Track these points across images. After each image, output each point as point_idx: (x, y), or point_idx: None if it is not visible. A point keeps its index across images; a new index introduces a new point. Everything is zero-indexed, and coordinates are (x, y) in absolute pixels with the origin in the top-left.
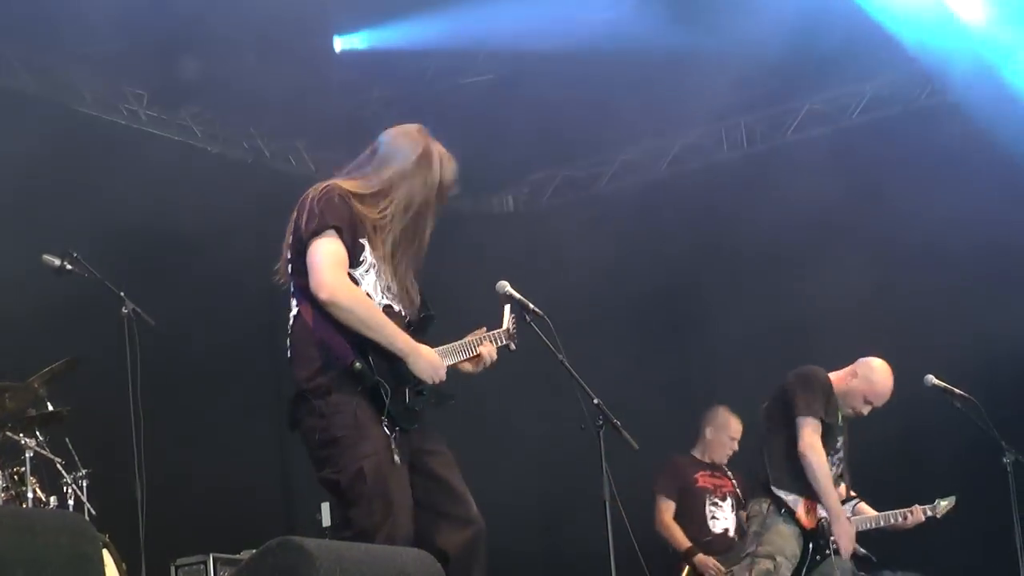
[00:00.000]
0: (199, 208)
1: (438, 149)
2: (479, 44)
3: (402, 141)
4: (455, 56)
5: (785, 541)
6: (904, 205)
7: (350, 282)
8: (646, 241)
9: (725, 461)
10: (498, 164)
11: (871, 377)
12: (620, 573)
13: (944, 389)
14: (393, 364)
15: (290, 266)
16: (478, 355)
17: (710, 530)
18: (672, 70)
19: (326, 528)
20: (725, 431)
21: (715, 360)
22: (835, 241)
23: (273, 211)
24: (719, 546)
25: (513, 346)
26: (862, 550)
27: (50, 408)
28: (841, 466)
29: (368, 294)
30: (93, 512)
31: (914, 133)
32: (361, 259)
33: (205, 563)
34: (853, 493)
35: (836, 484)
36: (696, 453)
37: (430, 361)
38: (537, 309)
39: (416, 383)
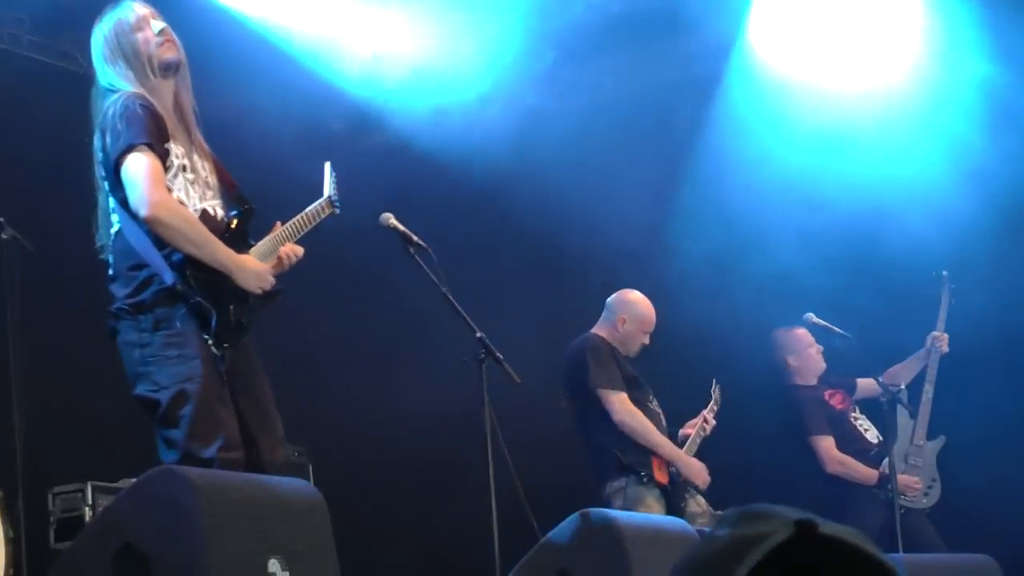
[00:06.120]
0: None
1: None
2: None
3: (109, 23)
4: None
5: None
6: None
7: (171, 197)
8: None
9: None
10: None
11: (636, 312)
12: (503, 508)
13: (824, 328)
14: (214, 276)
15: (106, 183)
16: (278, 259)
17: None
18: None
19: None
20: None
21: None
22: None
23: None
24: None
25: (338, 211)
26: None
27: None
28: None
29: (182, 201)
30: None
31: None
32: (168, 164)
33: (83, 491)
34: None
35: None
36: None
37: (254, 272)
38: (421, 241)
39: (241, 294)
